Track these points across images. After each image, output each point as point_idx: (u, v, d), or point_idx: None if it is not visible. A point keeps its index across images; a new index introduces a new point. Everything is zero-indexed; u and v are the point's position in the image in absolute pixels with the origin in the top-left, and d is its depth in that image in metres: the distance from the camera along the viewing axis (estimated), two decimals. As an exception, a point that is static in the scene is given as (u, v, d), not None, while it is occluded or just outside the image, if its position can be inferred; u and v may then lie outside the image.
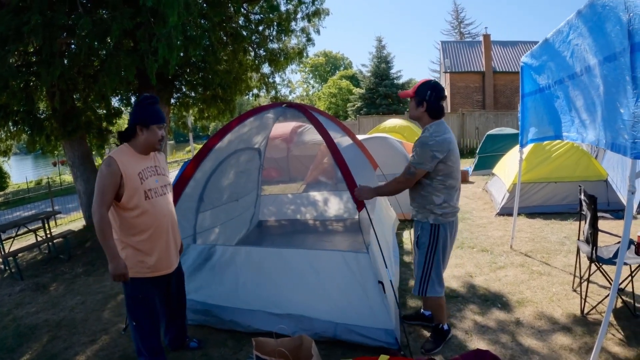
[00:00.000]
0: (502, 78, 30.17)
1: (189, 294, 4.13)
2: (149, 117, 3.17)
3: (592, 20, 3.22)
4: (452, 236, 3.55)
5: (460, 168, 3.48)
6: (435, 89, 3.44)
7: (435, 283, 3.52)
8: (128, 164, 3.09)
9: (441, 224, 3.44)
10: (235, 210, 6.15)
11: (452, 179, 3.39)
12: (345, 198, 7.09)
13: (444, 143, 3.29)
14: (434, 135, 3.33)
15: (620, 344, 3.54)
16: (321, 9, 10.46)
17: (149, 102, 3.24)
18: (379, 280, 3.63)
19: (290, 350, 3.05)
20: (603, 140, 3.18)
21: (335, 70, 59.73)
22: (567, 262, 5.42)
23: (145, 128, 3.17)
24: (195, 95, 10.54)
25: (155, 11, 6.15)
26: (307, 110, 4.60)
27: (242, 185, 6.42)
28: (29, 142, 8.99)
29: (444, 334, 3.76)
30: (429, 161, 3.29)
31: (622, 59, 2.72)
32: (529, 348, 3.60)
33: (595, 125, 3.40)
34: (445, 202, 3.40)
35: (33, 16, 5.73)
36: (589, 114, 3.59)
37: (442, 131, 3.36)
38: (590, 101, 3.50)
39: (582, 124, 3.82)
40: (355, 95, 37.79)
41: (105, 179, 3.01)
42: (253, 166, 6.52)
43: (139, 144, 3.21)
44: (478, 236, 6.82)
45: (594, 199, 3.91)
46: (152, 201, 3.19)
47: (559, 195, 7.90)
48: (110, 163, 3.03)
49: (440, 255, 3.48)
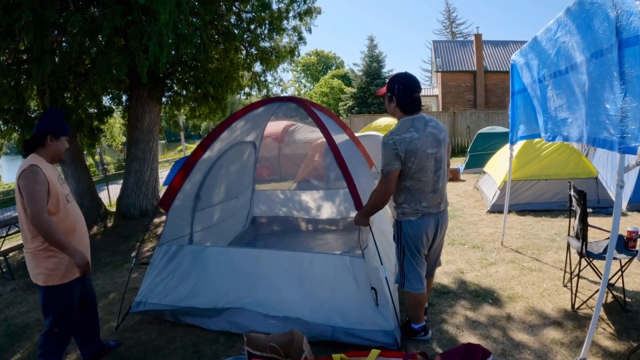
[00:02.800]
0: (493, 77, 30.28)
1: (184, 298, 4.15)
2: (60, 128, 3.28)
3: (580, 18, 3.26)
4: (426, 236, 3.40)
5: (432, 168, 3.29)
6: (404, 81, 3.29)
7: (410, 278, 3.48)
8: (46, 171, 3.14)
9: (403, 221, 3.39)
10: (232, 208, 6.14)
11: (412, 180, 3.27)
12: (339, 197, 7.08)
13: (402, 142, 3.16)
14: (394, 134, 3.22)
15: (610, 337, 3.57)
16: (313, 7, 10.46)
17: (59, 114, 3.39)
18: (372, 286, 3.62)
19: (282, 345, 3.06)
20: (585, 135, 3.24)
21: (327, 69, 59.63)
22: (558, 258, 5.47)
23: (56, 138, 3.26)
24: (186, 94, 10.51)
25: (146, 9, 6.13)
26: (306, 104, 4.59)
27: (239, 182, 6.41)
28: (19, 141, 8.92)
29: (413, 333, 3.72)
30: (395, 159, 3.19)
31: (609, 55, 2.76)
32: (520, 342, 3.63)
33: (579, 122, 3.45)
34: (405, 202, 3.34)
35: (24, 13, 5.70)
36: (572, 112, 3.65)
37: (405, 129, 3.22)
38: (574, 98, 3.55)
39: (564, 121, 3.90)
40: (347, 94, 37.76)
41: (37, 186, 3.03)
42: (249, 161, 6.50)
43: (48, 153, 3.26)
44: (469, 233, 6.86)
45: (583, 194, 3.95)
46: (70, 205, 3.32)
47: (549, 192, 7.96)
48: (37, 171, 3.06)
49: (409, 252, 3.43)
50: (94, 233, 8.66)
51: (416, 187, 3.29)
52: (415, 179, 3.26)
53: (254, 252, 4.24)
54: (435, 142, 3.30)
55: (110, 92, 10.21)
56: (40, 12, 5.95)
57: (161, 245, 4.45)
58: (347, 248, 5.51)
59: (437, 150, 3.31)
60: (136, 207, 9.22)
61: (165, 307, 4.22)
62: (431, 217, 3.39)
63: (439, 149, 3.33)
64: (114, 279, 6.05)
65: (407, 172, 3.25)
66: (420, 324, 3.70)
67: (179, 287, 4.22)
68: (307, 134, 8.42)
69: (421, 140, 3.21)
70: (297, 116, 6.58)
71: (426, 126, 3.28)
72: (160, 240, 4.51)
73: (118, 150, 27.45)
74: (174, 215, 4.63)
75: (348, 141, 5.30)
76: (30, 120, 8.18)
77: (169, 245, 4.44)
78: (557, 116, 4.09)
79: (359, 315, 3.64)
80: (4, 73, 6.23)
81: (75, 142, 9.17)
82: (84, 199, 9.25)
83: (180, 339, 4.03)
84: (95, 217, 9.34)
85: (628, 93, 2.60)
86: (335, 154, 3.96)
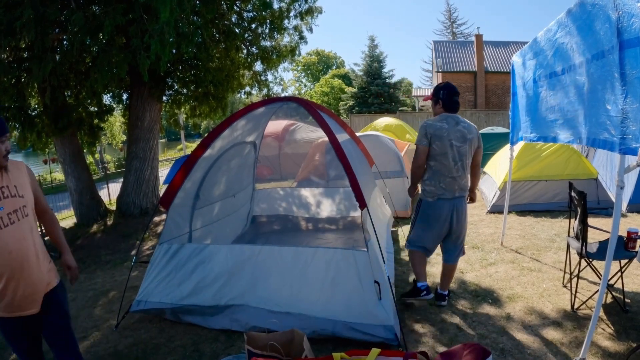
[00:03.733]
0: (493, 78, 30.29)
1: (186, 296, 4.16)
2: None
3: (581, 19, 3.27)
4: (438, 217, 4.09)
5: (453, 157, 3.98)
6: (448, 88, 4.13)
7: (413, 239, 4.30)
8: None
9: (422, 199, 4.20)
10: (232, 207, 6.14)
11: (435, 162, 4.03)
12: (340, 196, 7.09)
13: (431, 127, 3.99)
14: (429, 121, 4.04)
15: (610, 338, 3.58)
16: (314, 7, 10.45)
17: None
18: (375, 280, 3.65)
19: (282, 344, 3.07)
20: (585, 137, 3.25)
21: (328, 69, 59.60)
22: (558, 259, 5.47)
23: None
24: (187, 93, 10.50)
25: (147, 7, 6.14)
26: (308, 104, 4.63)
27: (240, 181, 6.42)
28: (19, 139, 8.91)
29: (416, 291, 4.30)
30: (424, 138, 3.99)
31: (610, 56, 2.77)
32: (520, 342, 3.63)
33: (574, 124, 3.47)
34: (428, 179, 4.10)
35: (25, 11, 5.70)
36: (565, 113, 3.67)
37: (439, 120, 4.05)
38: (568, 100, 3.57)
39: (554, 122, 3.95)
40: (347, 94, 37.79)
41: None
42: (249, 160, 6.51)
43: None
44: (469, 233, 6.86)
45: (583, 195, 3.96)
46: (7, 230, 2.42)
47: (550, 193, 7.96)
48: None
49: (420, 220, 4.22)
50: (94, 231, 8.66)
51: (438, 168, 4.03)
52: (438, 161, 4.01)
53: (255, 249, 4.25)
54: (462, 138, 4.01)
55: (111, 91, 10.20)
56: (41, 10, 5.95)
57: (161, 243, 4.45)
58: (347, 246, 5.52)
59: (462, 145, 4.01)
60: (136, 205, 9.22)
61: (166, 305, 4.22)
62: (446, 202, 4.06)
63: (463, 144, 4.02)
64: (113, 277, 6.06)
65: (432, 153, 4.02)
66: (423, 283, 4.30)
67: (180, 285, 4.23)
68: (307, 133, 8.40)
69: (448, 131, 3.98)
70: (298, 115, 6.60)
71: (457, 124, 4.04)
72: (161, 239, 4.51)
73: (118, 148, 27.46)
74: (174, 213, 4.63)
75: (349, 140, 5.32)
76: (31, 118, 8.18)
77: (170, 243, 4.44)
78: (547, 117, 4.18)
79: (360, 309, 3.67)
80: (4, 71, 6.23)
81: (76, 141, 9.18)
82: (84, 197, 9.27)
83: (180, 337, 4.03)
84: (95, 215, 9.35)
85: (629, 94, 2.61)
86: (336, 149, 4.00)
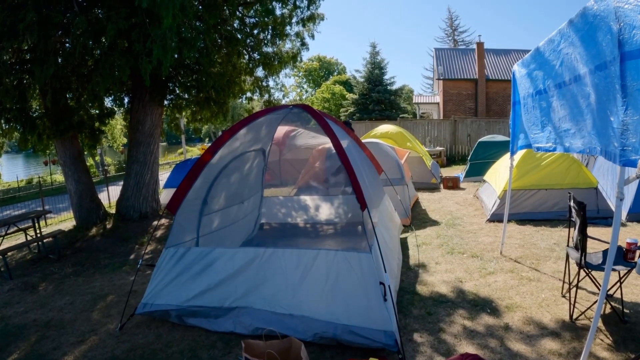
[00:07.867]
0: (494, 86, 30.32)
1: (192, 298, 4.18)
2: None
3: (583, 30, 3.27)
4: None
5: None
6: None
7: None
8: None
9: None
10: (240, 213, 6.16)
11: None
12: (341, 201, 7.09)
13: None
14: None
15: (608, 349, 3.57)
16: (316, 13, 10.51)
17: None
18: (380, 281, 3.66)
19: (279, 352, 3.06)
20: (597, 148, 3.22)
21: (329, 75, 59.70)
22: (557, 269, 5.46)
23: None
24: (188, 97, 10.53)
25: (150, 12, 6.16)
26: (313, 110, 4.68)
27: (248, 188, 6.44)
28: (20, 141, 8.93)
29: None
30: None
31: (612, 67, 2.77)
32: (518, 353, 3.62)
33: (584, 134, 3.45)
34: None
35: (28, 13, 5.73)
36: (576, 123, 3.64)
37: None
38: (579, 110, 3.55)
39: (567, 132, 3.90)
40: (348, 100, 37.83)
41: None
42: (258, 167, 6.53)
43: None
44: (468, 242, 6.85)
45: (583, 205, 3.95)
46: None
47: (549, 202, 7.96)
48: None
49: None
50: (93, 234, 8.65)
51: None
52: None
53: (259, 251, 4.27)
54: None
55: (112, 94, 10.21)
56: (44, 13, 5.98)
57: (168, 247, 4.49)
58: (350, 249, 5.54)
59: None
60: (136, 209, 9.21)
61: (172, 307, 4.24)
62: None
63: None
64: (112, 281, 6.04)
65: None
66: None
67: (186, 288, 4.26)
68: (308, 139, 8.40)
69: None
70: (299, 121, 6.61)
71: None
72: (167, 243, 4.54)
73: (119, 151, 27.53)
74: (181, 218, 4.65)
75: (354, 146, 5.34)
76: (32, 120, 8.19)
77: (176, 247, 4.47)
78: (560, 127, 4.10)
79: (362, 312, 3.68)
80: (6, 72, 6.24)
81: (77, 143, 9.18)
82: (83, 199, 9.25)
83: (178, 343, 4.02)
84: (94, 218, 9.33)
85: (630, 106, 2.60)
86: (337, 149, 4.03)
